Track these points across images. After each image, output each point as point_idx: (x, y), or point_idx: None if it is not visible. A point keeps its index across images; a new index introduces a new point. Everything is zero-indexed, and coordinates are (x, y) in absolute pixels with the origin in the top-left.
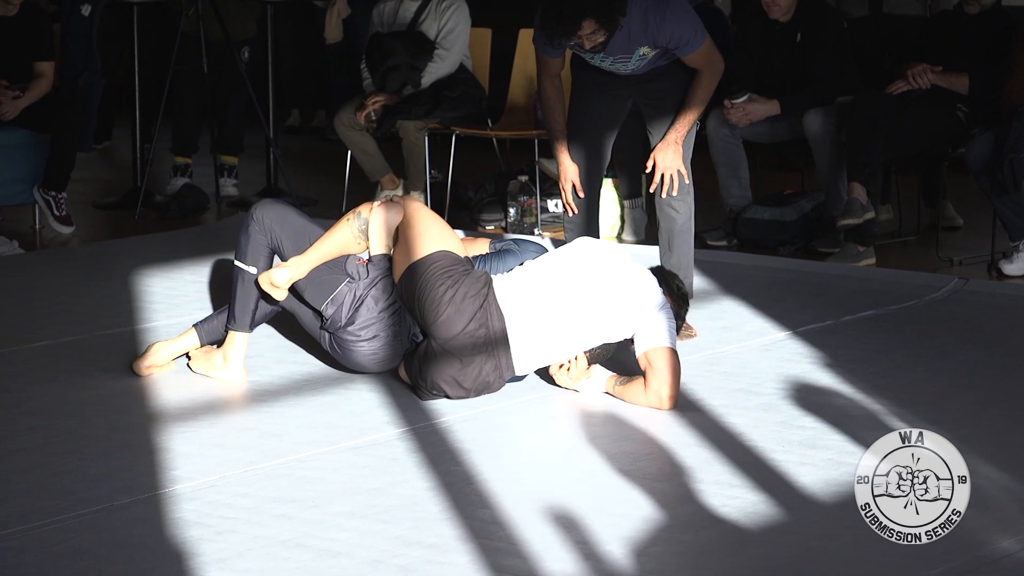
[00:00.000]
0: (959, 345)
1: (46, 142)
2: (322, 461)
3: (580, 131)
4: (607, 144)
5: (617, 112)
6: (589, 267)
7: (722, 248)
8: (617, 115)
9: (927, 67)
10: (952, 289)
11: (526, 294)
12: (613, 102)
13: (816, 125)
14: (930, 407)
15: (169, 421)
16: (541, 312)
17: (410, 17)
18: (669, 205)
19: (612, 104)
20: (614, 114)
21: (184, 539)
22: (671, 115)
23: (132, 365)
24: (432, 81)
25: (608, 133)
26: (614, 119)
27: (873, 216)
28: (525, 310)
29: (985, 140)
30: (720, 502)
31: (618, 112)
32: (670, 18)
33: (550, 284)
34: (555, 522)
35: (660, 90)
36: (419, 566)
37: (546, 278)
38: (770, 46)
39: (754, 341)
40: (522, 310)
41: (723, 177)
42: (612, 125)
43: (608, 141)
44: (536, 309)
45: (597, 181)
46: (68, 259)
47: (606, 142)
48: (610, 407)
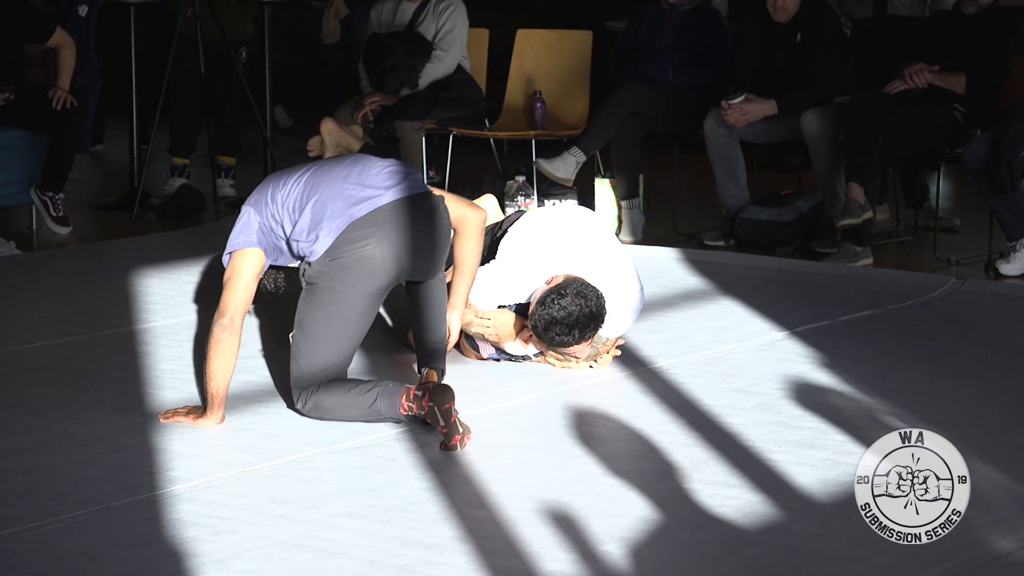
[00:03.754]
0: (956, 345)
1: (43, 143)
2: (320, 461)
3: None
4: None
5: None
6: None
7: (719, 248)
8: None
9: (924, 67)
10: (949, 289)
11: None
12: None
13: (814, 125)
14: (927, 407)
15: (163, 422)
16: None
17: (408, 18)
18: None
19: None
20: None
21: (182, 539)
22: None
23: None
24: (430, 82)
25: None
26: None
27: (871, 216)
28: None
29: (982, 140)
30: (718, 502)
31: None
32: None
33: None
34: (553, 522)
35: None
36: (417, 566)
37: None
38: (771, 46)
39: (752, 341)
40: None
41: (720, 177)
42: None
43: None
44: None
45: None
46: (65, 260)
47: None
48: (607, 407)
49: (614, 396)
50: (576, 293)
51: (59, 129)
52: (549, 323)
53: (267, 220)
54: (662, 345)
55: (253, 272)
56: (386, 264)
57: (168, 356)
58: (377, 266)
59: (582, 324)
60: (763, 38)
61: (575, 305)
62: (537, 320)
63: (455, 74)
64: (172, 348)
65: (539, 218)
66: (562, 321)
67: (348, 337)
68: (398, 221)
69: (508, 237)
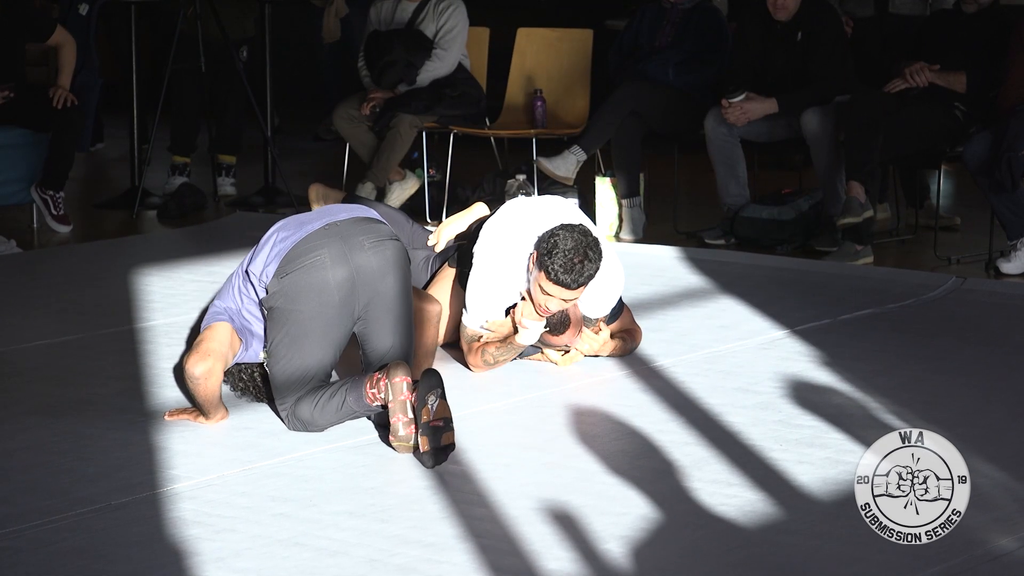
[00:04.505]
0: (957, 344)
1: (44, 141)
2: (320, 460)
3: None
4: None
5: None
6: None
7: (720, 247)
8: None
9: (924, 65)
10: (950, 288)
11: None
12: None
13: (814, 124)
14: (928, 405)
15: (167, 420)
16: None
17: (407, 17)
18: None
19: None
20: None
21: (182, 538)
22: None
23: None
24: (429, 80)
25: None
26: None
27: (871, 215)
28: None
29: (983, 139)
30: (718, 501)
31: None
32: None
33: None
34: (553, 521)
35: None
36: (417, 565)
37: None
38: (771, 45)
39: (752, 340)
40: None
41: (721, 176)
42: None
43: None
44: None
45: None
46: (66, 258)
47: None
48: (607, 406)
49: (614, 395)
50: (571, 228)
51: (60, 128)
52: (552, 250)
53: (242, 302)
54: (662, 343)
55: (224, 333)
56: (337, 277)
57: (168, 355)
58: (328, 278)
59: (584, 249)
60: (764, 37)
61: (574, 238)
62: (543, 250)
63: (456, 73)
64: (172, 347)
65: (507, 213)
66: (569, 250)
67: (314, 355)
68: (350, 235)
69: (480, 242)
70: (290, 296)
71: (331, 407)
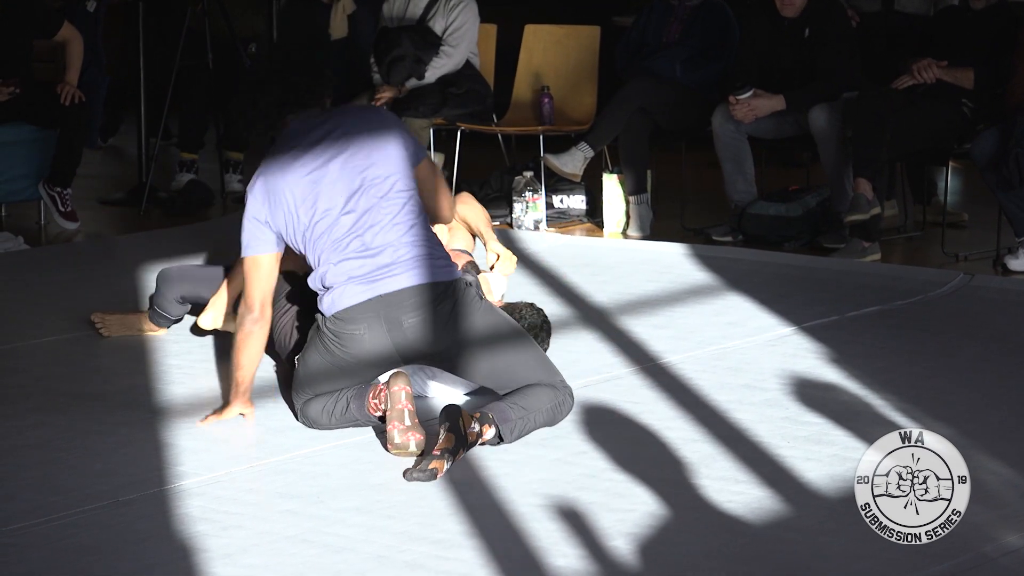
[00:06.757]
0: (965, 341)
1: (51, 138)
2: (328, 456)
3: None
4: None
5: None
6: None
7: (727, 244)
8: None
9: (932, 62)
10: (957, 285)
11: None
12: None
13: (821, 121)
14: (935, 403)
15: (174, 417)
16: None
17: (419, 13)
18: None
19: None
20: None
21: (190, 535)
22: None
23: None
24: (437, 77)
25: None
26: None
27: (879, 212)
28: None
29: (990, 135)
30: (725, 497)
31: None
32: None
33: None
34: (560, 517)
35: None
36: (425, 561)
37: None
38: (778, 41)
39: (759, 337)
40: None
41: (728, 173)
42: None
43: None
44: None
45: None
46: (73, 255)
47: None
48: (614, 403)
49: (621, 391)
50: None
51: (67, 124)
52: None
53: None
54: (669, 340)
55: (270, 260)
56: (375, 350)
57: (176, 351)
58: (368, 349)
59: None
60: (771, 33)
61: None
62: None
63: (464, 70)
64: (180, 343)
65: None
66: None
67: (343, 382)
68: (395, 311)
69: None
70: (332, 342)
71: (336, 412)
